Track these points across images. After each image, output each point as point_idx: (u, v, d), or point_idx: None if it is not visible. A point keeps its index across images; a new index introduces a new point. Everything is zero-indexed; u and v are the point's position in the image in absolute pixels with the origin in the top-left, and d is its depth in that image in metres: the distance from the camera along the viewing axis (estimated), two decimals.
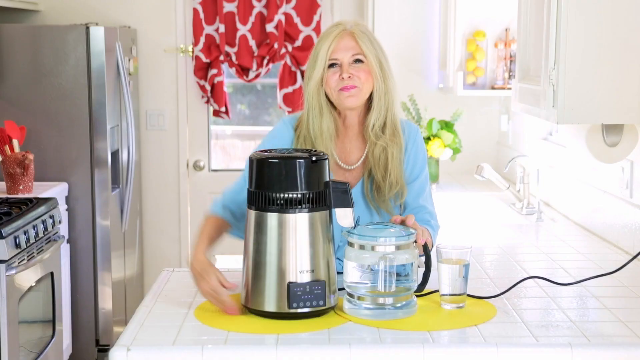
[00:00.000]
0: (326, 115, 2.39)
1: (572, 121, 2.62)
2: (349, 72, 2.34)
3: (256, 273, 2.11)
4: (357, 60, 2.36)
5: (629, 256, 2.84)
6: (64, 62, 4.48)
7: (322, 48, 2.36)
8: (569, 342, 1.95)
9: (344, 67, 2.35)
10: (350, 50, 2.36)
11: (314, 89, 2.38)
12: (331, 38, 2.36)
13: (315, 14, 5.22)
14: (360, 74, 2.35)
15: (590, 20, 2.57)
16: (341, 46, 2.36)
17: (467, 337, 2.00)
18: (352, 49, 2.36)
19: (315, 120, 2.39)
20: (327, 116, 2.39)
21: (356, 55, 2.36)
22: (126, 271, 4.98)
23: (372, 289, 2.09)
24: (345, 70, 2.35)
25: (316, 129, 2.39)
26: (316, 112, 2.39)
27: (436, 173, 4.49)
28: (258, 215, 2.11)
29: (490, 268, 2.71)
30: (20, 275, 3.57)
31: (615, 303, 2.28)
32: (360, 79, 2.36)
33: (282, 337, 1.98)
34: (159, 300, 2.28)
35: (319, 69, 2.37)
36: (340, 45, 2.36)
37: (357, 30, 2.38)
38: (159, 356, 1.92)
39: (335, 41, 2.36)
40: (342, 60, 2.36)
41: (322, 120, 2.38)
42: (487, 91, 4.50)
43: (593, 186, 3.31)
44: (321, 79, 2.37)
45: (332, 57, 2.36)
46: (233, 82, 5.55)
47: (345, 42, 2.36)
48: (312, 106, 2.39)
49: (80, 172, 4.54)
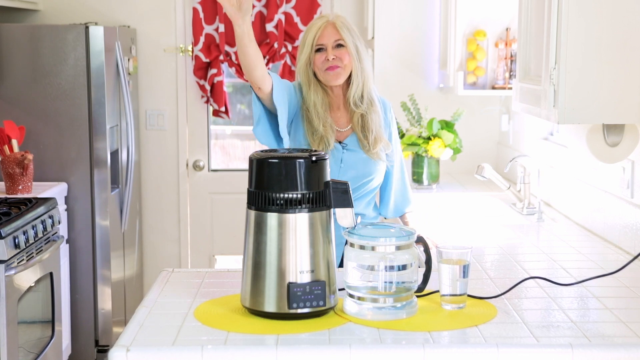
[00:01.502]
0: (313, 89, 2.91)
1: (572, 121, 2.61)
2: (333, 54, 2.87)
3: (256, 273, 2.10)
4: (339, 45, 2.89)
5: (630, 256, 2.83)
6: (64, 62, 4.47)
7: (309, 36, 2.90)
8: (570, 343, 1.94)
9: (329, 50, 2.88)
10: (333, 36, 2.89)
11: (303, 69, 2.92)
12: (316, 27, 2.90)
13: (315, 13, 5.21)
14: (342, 56, 2.88)
15: (591, 19, 2.56)
16: (325, 34, 2.89)
17: (468, 338, 2.00)
18: (334, 35, 2.89)
19: (307, 94, 2.92)
20: (314, 89, 2.91)
21: (338, 40, 2.89)
22: (126, 271, 4.97)
23: (373, 289, 2.09)
24: (329, 52, 2.88)
25: (309, 100, 2.92)
26: (306, 87, 2.92)
27: (436, 173, 4.48)
28: (258, 215, 2.10)
29: (490, 268, 2.70)
30: (20, 275, 3.56)
31: (616, 303, 2.27)
32: (342, 60, 2.88)
33: (282, 337, 1.98)
34: (159, 301, 2.27)
35: (306, 52, 2.90)
36: (325, 33, 2.89)
37: (337, 21, 2.91)
38: (159, 357, 1.91)
39: (321, 30, 2.89)
40: (327, 45, 2.89)
41: (311, 93, 2.91)
42: (487, 91, 4.50)
43: (594, 186, 3.30)
44: (308, 60, 2.90)
45: (318, 42, 2.89)
46: (233, 82, 5.55)
47: (328, 31, 2.89)
48: (303, 83, 2.93)
49: (80, 172, 4.53)
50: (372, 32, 4.89)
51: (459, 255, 2.18)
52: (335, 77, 2.89)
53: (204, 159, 5.45)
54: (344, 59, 2.88)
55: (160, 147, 5.38)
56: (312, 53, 2.90)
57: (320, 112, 2.91)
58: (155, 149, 5.37)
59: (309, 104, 2.91)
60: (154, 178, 5.40)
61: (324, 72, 2.89)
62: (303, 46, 2.92)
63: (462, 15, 4.49)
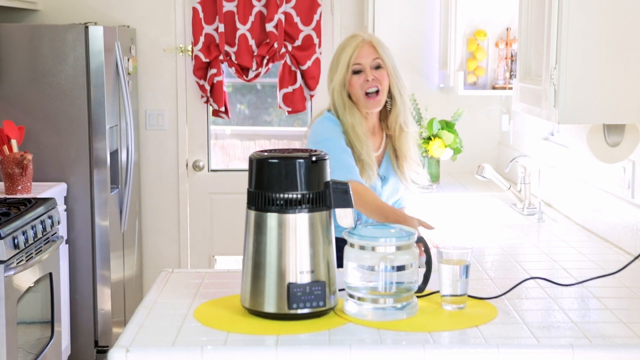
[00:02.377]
0: (349, 111, 2.78)
1: (573, 121, 2.61)
2: (372, 74, 2.74)
3: (256, 274, 2.10)
4: (377, 65, 2.76)
5: (631, 257, 2.83)
6: (63, 62, 4.47)
7: (345, 55, 2.76)
8: (570, 343, 1.94)
9: (367, 71, 2.76)
10: (371, 55, 2.76)
11: (338, 90, 2.78)
12: (352, 46, 2.76)
13: (315, 13, 5.20)
14: (381, 78, 2.76)
15: (592, 19, 2.56)
16: (363, 53, 2.76)
17: (468, 338, 1.99)
18: (372, 54, 2.76)
19: (343, 116, 2.79)
20: (350, 112, 2.78)
21: (376, 59, 2.76)
22: (125, 272, 4.97)
23: (373, 289, 2.08)
24: (368, 73, 2.75)
25: (346, 123, 2.78)
26: (342, 109, 2.79)
27: (437, 173, 4.48)
28: (258, 215, 2.10)
29: (491, 269, 2.70)
30: (19, 275, 3.56)
31: (617, 304, 2.27)
32: (381, 83, 2.76)
33: (282, 338, 1.97)
34: (158, 301, 2.27)
35: (341, 72, 2.77)
36: (362, 52, 2.76)
37: (374, 39, 2.79)
38: (158, 357, 1.91)
39: (358, 49, 2.76)
40: (365, 65, 2.76)
41: (347, 115, 2.78)
42: (488, 91, 4.49)
43: (594, 186, 3.30)
44: (343, 82, 2.77)
45: (355, 62, 2.76)
46: (232, 82, 5.54)
47: (365, 50, 2.76)
48: (338, 105, 2.80)
49: (79, 172, 4.53)
50: (372, 32, 4.89)
51: (459, 256, 2.17)
52: (377, 104, 2.79)
53: (204, 159, 5.45)
54: (383, 80, 2.76)
55: (159, 147, 5.37)
56: (349, 74, 2.77)
57: (360, 135, 2.77)
58: (154, 149, 5.37)
59: (347, 127, 2.78)
60: (153, 178, 5.39)
61: (363, 98, 2.77)
62: (337, 66, 2.79)
63: (462, 15, 4.48)
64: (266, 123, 5.72)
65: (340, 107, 2.79)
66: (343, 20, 5.30)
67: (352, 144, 2.77)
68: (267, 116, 5.72)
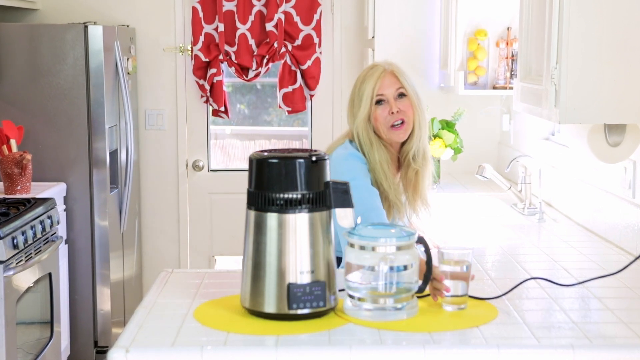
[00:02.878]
0: (376, 147, 2.66)
1: (574, 121, 2.60)
2: (397, 106, 2.65)
3: (256, 274, 2.09)
4: (401, 94, 2.67)
5: (632, 257, 2.83)
6: (62, 61, 4.46)
7: (368, 87, 2.66)
8: (571, 344, 1.94)
9: (391, 102, 2.66)
10: (394, 85, 2.67)
11: (363, 125, 2.67)
12: (375, 77, 2.66)
13: (315, 12, 5.20)
14: (405, 108, 2.66)
15: (592, 19, 2.55)
16: (385, 83, 2.66)
17: (469, 339, 1.99)
18: (394, 84, 2.67)
19: (370, 153, 2.66)
20: (377, 147, 2.67)
21: (399, 89, 2.67)
22: (125, 272, 4.96)
23: (373, 290, 2.08)
24: (393, 105, 2.65)
25: (374, 160, 2.66)
26: (368, 146, 2.67)
27: (437, 173, 4.48)
28: (258, 215, 2.09)
29: (491, 269, 2.69)
30: (18, 276, 3.55)
31: (618, 304, 2.27)
32: (406, 113, 2.66)
33: (282, 338, 1.97)
34: (158, 302, 2.26)
35: (365, 106, 2.66)
36: (385, 82, 2.66)
37: (395, 68, 2.69)
38: (158, 357, 1.91)
39: (380, 80, 2.66)
40: (388, 96, 2.66)
41: (375, 152, 2.66)
42: (488, 91, 4.49)
43: (595, 186, 3.29)
44: (368, 116, 2.66)
45: (378, 93, 2.65)
46: (232, 82, 5.53)
47: (388, 80, 2.67)
48: (364, 142, 2.67)
49: (79, 172, 4.52)
50: (372, 32, 4.88)
51: (460, 256, 2.17)
52: (403, 134, 2.67)
53: (204, 159, 5.44)
54: (408, 111, 2.67)
55: (159, 147, 5.37)
56: (373, 106, 2.66)
57: (387, 172, 2.68)
58: (154, 149, 5.36)
59: (375, 164, 2.66)
60: (153, 178, 5.39)
61: (388, 129, 2.66)
62: (360, 100, 2.67)
63: (462, 14, 4.47)
64: (266, 123, 5.72)
65: (367, 144, 2.67)
66: (343, 19, 5.30)
67: (378, 182, 2.67)
68: (267, 116, 5.72)
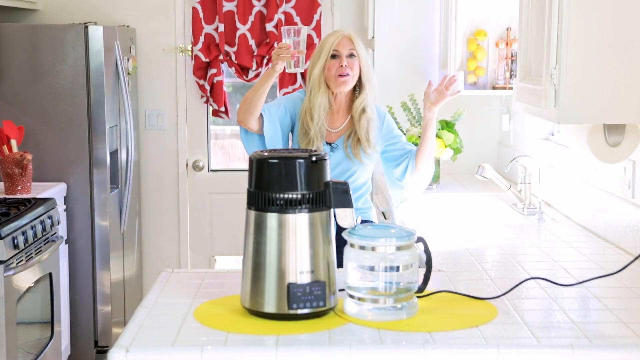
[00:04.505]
0: (322, 92, 3.26)
1: (573, 121, 2.60)
2: (346, 61, 3.24)
3: (256, 274, 2.09)
4: (351, 54, 3.25)
5: (631, 257, 2.83)
6: (63, 62, 4.46)
7: (327, 43, 3.26)
8: (571, 344, 1.94)
9: (342, 57, 3.24)
10: (347, 46, 3.26)
11: (318, 74, 3.26)
12: (334, 37, 3.28)
13: (315, 13, 5.20)
14: (353, 65, 3.24)
15: (592, 19, 2.55)
16: (342, 43, 3.26)
17: (468, 338, 1.99)
18: (348, 45, 3.26)
19: (314, 95, 3.26)
20: (322, 93, 3.26)
21: (351, 49, 3.25)
22: (125, 272, 4.96)
23: (373, 290, 2.08)
24: (343, 59, 3.24)
25: (314, 101, 3.26)
26: (316, 89, 3.26)
27: (437, 173, 4.47)
28: (258, 215, 2.10)
29: (491, 269, 2.69)
30: (19, 276, 3.55)
31: (617, 304, 2.27)
32: (352, 69, 3.24)
33: (282, 338, 1.97)
34: (158, 301, 2.26)
35: (323, 57, 3.25)
36: (342, 43, 3.26)
37: (353, 35, 3.30)
38: (158, 357, 1.91)
39: (338, 39, 3.26)
40: (342, 52, 3.25)
41: (319, 96, 3.25)
42: (488, 91, 4.48)
43: (595, 186, 3.29)
44: (324, 67, 3.25)
45: (334, 49, 3.25)
46: (232, 82, 5.54)
47: (345, 41, 3.27)
48: (314, 85, 3.26)
49: (79, 172, 4.52)
50: (372, 32, 4.88)
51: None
52: (344, 84, 3.24)
53: (204, 159, 5.44)
54: (354, 67, 3.24)
55: (159, 147, 5.37)
56: (328, 59, 3.24)
57: (321, 114, 3.25)
58: (154, 149, 5.37)
59: (314, 104, 3.25)
60: (153, 178, 5.39)
61: (335, 78, 3.24)
62: (320, 54, 3.27)
63: (462, 14, 4.47)
64: None
65: (315, 87, 3.25)
66: (343, 20, 5.30)
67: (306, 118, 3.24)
68: None
